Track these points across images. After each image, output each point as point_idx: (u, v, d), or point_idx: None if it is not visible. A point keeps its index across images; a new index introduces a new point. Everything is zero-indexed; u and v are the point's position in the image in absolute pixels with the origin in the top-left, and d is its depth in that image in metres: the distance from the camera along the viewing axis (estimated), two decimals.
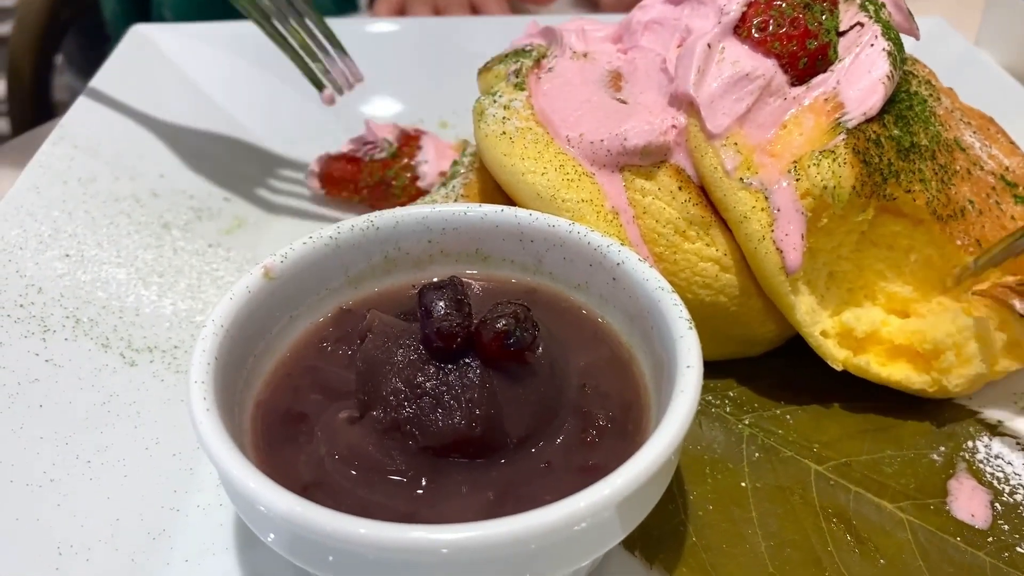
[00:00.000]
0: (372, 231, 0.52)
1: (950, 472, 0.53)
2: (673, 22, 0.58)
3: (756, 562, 0.47)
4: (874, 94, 0.53)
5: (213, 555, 0.47)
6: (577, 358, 0.48)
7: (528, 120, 0.57)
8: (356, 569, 0.38)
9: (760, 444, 0.54)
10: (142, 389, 0.55)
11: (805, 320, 0.53)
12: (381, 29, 0.93)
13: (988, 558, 0.48)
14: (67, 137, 0.70)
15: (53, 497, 0.48)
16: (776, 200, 0.51)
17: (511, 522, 0.36)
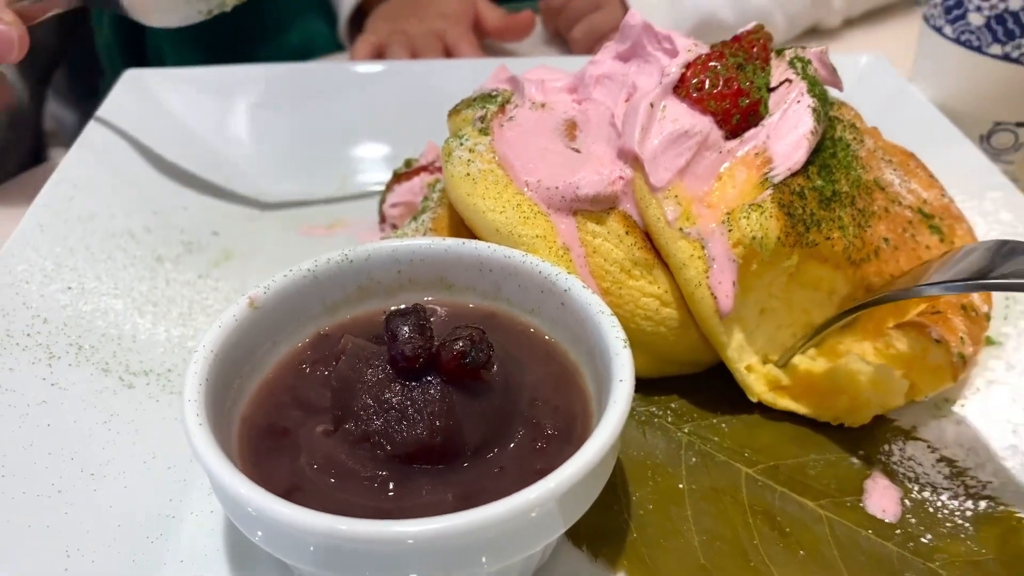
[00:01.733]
0: (347, 263, 0.58)
1: (867, 473, 0.58)
2: (621, 77, 0.64)
3: (690, 555, 0.53)
4: (799, 149, 0.59)
5: (205, 556, 0.52)
6: (529, 374, 0.54)
7: (490, 163, 0.63)
8: (334, 560, 0.43)
9: (697, 450, 0.60)
10: (140, 409, 0.60)
11: (733, 357, 0.59)
12: (360, 70, 1.00)
13: (895, 548, 0.54)
14: (67, 178, 0.76)
15: (61, 506, 0.53)
16: (711, 249, 0.57)
17: (468, 515, 0.42)
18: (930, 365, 0.60)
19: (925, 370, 0.60)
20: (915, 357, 0.60)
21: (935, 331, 0.60)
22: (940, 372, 0.60)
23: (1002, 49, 0.85)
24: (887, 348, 0.60)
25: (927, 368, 0.60)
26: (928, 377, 0.60)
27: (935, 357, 0.60)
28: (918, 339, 0.60)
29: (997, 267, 0.51)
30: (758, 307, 0.60)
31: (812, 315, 0.61)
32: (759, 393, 0.60)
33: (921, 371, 0.60)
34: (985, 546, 0.54)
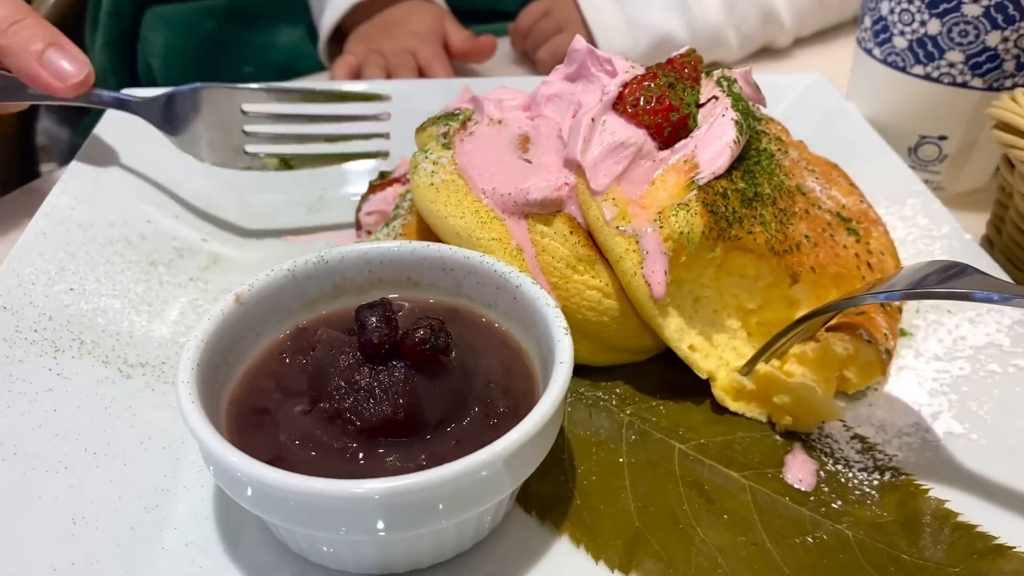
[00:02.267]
0: (323, 264, 0.65)
1: (787, 448, 0.65)
2: (569, 96, 0.72)
3: (626, 519, 0.59)
4: (722, 155, 0.66)
5: (196, 523, 0.58)
6: (484, 360, 0.61)
7: (452, 174, 0.71)
8: (312, 517, 0.50)
9: (637, 429, 0.67)
10: (137, 397, 0.66)
11: (673, 337, 0.66)
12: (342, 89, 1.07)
13: (808, 512, 0.61)
14: (68, 190, 0.82)
15: (67, 480, 0.59)
16: (645, 244, 0.64)
17: (427, 473, 0.49)
18: (862, 363, 0.67)
19: (858, 367, 0.67)
20: (850, 357, 0.66)
21: (865, 332, 0.67)
22: (871, 368, 0.67)
23: (923, 69, 0.93)
24: (825, 351, 0.67)
25: (860, 365, 0.67)
26: (861, 373, 0.67)
27: (867, 355, 0.67)
28: (852, 341, 0.66)
29: (936, 280, 0.58)
30: (692, 296, 0.67)
31: (741, 300, 0.68)
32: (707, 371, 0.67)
33: (855, 368, 0.67)
34: (887, 510, 0.61)
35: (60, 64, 0.77)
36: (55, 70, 0.77)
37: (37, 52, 0.77)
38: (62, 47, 0.78)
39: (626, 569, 0.56)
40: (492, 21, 1.47)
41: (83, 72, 0.79)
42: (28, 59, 0.77)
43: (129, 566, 0.55)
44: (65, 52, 0.78)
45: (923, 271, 0.60)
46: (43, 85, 0.78)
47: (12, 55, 0.77)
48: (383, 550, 0.54)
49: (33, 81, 0.78)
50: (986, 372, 0.68)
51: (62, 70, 0.78)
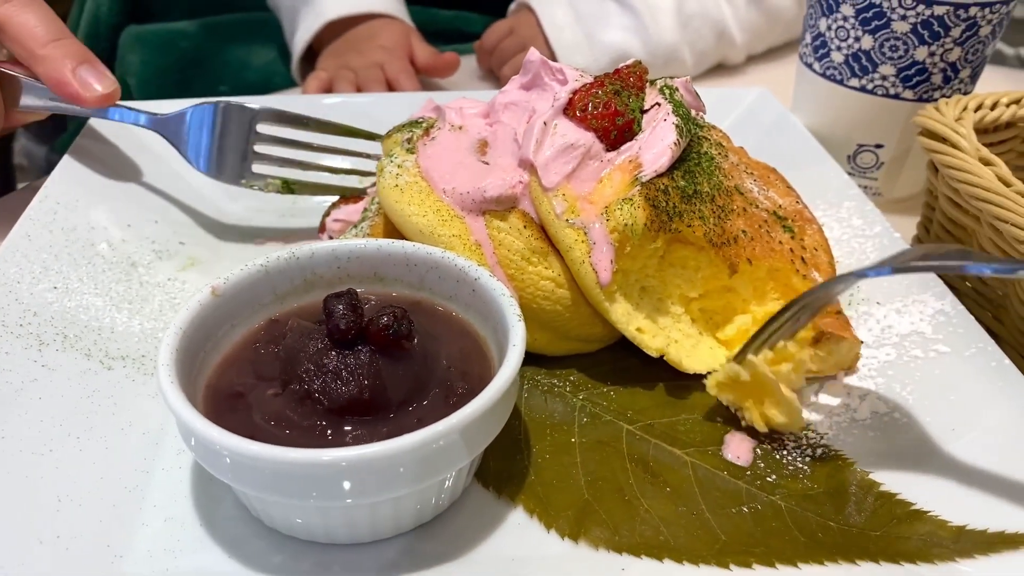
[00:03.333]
0: (294, 260, 0.69)
1: (727, 429, 0.71)
2: (524, 103, 0.77)
3: (577, 492, 0.64)
4: (664, 156, 0.71)
5: (174, 500, 0.62)
6: (445, 347, 0.65)
7: (415, 176, 0.76)
8: (285, 484, 0.54)
9: (588, 412, 0.71)
10: (118, 387, 0.70)
11: (621, 320, 0.72)
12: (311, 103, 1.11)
13: (745, 484, 0.65)
14: (51, 196, 0.86)
15: (52, 462, 0.62)
16: (592, 235, 0.70)
17: (389, 443, 0.53)
18: (842, 361, 0.74)
19: (838, 364, 0.74)
20: (843, 359, 0.73)
21: (850, 332, 0.74)
22: (846, 362, 0.74)
23: (859, 82, 0.99)
24: (826, 354, 0.73)
25: (840, 363, 0.74)
26: (836, 367, 0.74)
27: (852, 349, 0.73)
28: (845, 342, 0.73)
29: (935, 258, 0.63)
30: (638, 285, 0.72)
31: (684, 289, 0.74)
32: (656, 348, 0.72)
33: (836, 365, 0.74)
34: (817, 483, 0.66)
35: (90, 79, 0.85)
36: (85, 83, 0.85)
37: (72, 67, 0.85)
38: (94, 65, 0.86)
39: (575, 536, 0.61)
40: (457, 42, 1.53)
41: (110, 88, 0.87)
42: (63, 70, 0.84)
43: (111, 540, 0.59)
44: (96, 69, 0.86)
45: (922, 251, 0.64)
46: (72, 94, 0.85)
47: (48, 65, 0.85)
48: (349, 519, 0.58)
49: (63, 89, 0.85)
50: (909, 357, 0.74)
51: (91, 84, 0.85)
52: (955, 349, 0.73)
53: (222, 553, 0.59)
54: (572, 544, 0.60)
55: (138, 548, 0.59)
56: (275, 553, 0.59)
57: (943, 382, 0.71)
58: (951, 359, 0.73)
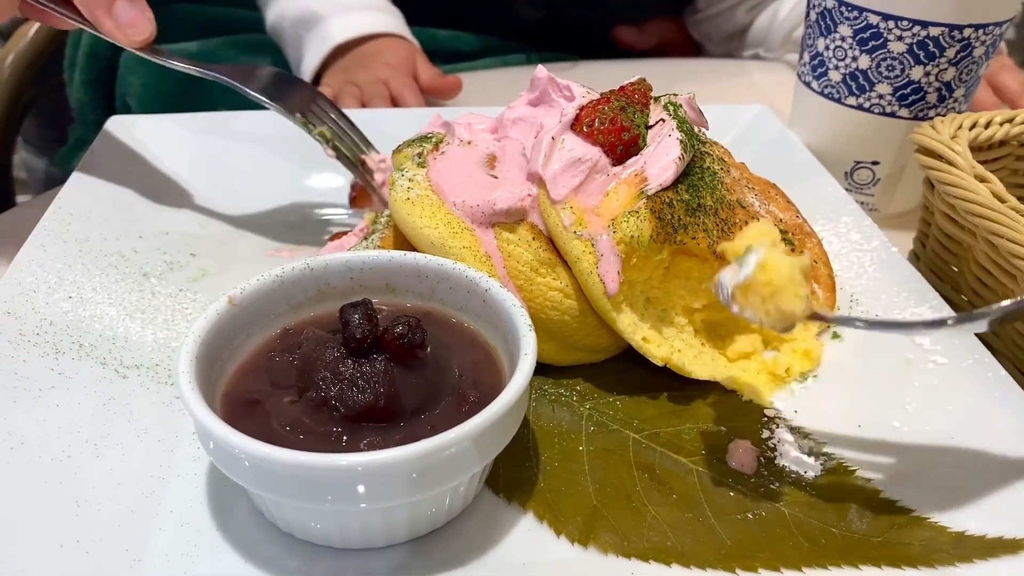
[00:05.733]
0: (308, 271, 0.71)
1: (731, 438, 0.72)
2: (532, 119, 0.79)
3: (585, 499, 0.65)
4: (668, 170, 0.73)
5: (190, 506, 0.63)
6: (457, 356, 0.66)
7: (426, 189, 0.77)
8: (301, 487, 0.55)
9: (595, 421, 0.73)
10: (133, 395, 0.71)
11: (627, 330, 0.73)
12: None
13: (748, 492, 0.66)
14: (64, 207, 0.88)
15: (71, 468, 0.64)
16: (599, 247, 0.71)
17: (403, 449, 0.54)
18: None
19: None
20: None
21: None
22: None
23: (856, 100, 1.02)
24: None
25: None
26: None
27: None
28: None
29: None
30: (643, 296, 0.74)
31: (687, 300, 0.76)
32: (661, 357, 0.73)
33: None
34: (818, 490, 0.67)
35: (125, 18, 0.83)
36: (120, 22, 0.83)
37: (107, 3, 0.82)
38: (133, 2, 0.83)
39: (584, 542, 0.62)
40: (454, 61, 1.56)
41: (144, 34, 0.84)
42: (96, 8, 0.82)
43: (129, 544, 0.60)
44: (135, 6, 0.83)
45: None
46: (107, 33, 0.83)
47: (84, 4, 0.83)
48: (364, 523, 0.59)
49: (98, 29, 0.83)
50: (908, 368, 0.76)
51: (126, 25, 0.83)
52: (953, 360, 0.75)
53: (238, 557, 0.60)
54: (582, 549, 0.62)
55: (156, 552, 0.60)
56: (290, 557, 0.61)
57: (941, 392, 0.73)
58: (949, 370, 0.74)
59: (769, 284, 0.60)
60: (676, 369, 0.74)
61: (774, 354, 0.80)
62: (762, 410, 0.75)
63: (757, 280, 0.60)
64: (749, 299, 0.61)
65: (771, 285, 0.60)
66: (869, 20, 0.96)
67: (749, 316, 0.62)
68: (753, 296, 0.61)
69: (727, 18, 1.64)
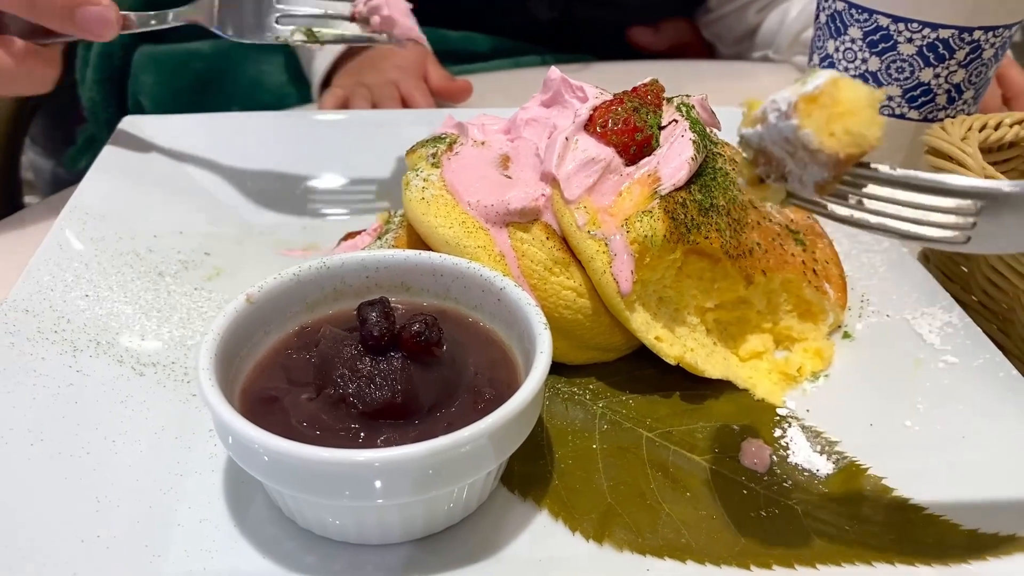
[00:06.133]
0: (324, 269, 0.71)
1: (744, 436, 0.73)
2: (545, 120, 0.80)
3: (599, 496, 0.66)
4: (681, 170, 0.74)
5: (208, 502, 0.64)
6: (472, 355, 0.67)
7: (440, 189, 0.78)
8: (319, 483, 0.56)
9: (608, 419, 0.73)
10: (150, 392, 0.72)
11: (641, 329, 0.74)
12: (329, 118, 1.14)
13: (762, 490, 0.67)
14: (80, 206, 0.88)
15: (90, 464, 0.64)
16: (613, 246, 0.72)
17: (420, 445, 0.55)
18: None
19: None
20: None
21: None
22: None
23: None
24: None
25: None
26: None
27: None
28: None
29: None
30: (656, 296, 0.75)
31: (700, 299, 0.76)
32: (674, 356, 0.73)
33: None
34: (831, 487, 0.68)
35: (90, 19, 0.86)
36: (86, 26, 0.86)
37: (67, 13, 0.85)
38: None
39: (599, 539, 0.63)
40: (466, 62, 1.56)
41: (109, 27, 0.87)
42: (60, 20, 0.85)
43: (149, 540, 0.61)
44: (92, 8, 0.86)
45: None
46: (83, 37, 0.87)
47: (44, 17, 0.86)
48: (381, 519, 0.60)
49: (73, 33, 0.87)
50: (919, 367, 0.76)
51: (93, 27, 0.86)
52: (963, 360, 0.75)
53: (256, 553, 0.61)
54: (597, 546, 0.62)
55: (175, 548, 0.60)
56: (307, 553, 0.61)
57: (953, 391, 0.73)
58: (960, 370, 0.75)
59: (843, 102, 0.51)
60: (689, 368, 0.74)
61: (785, 354, 0.80)
62: (774, 409, 0.75)
63: (829, 93, 0.51)
64: (814, 115, 0.52)
65: (845, 104, 0.51)
66: (879, 22, 0.96)
67: (806, 136, 0.52)
68: (820, 111, 0.52)
69: (738, 18, 1.65)
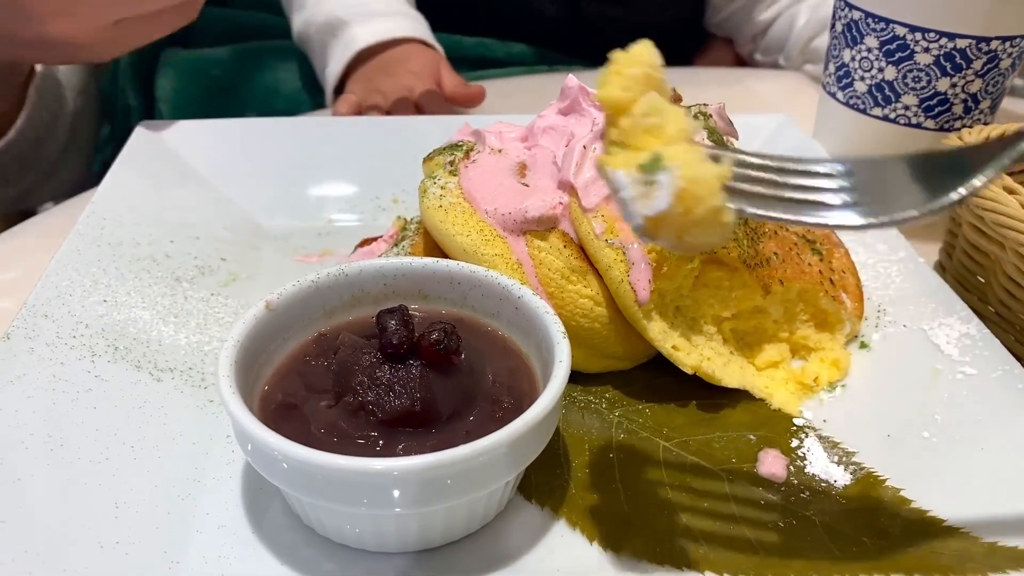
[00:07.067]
0: (343, 277, 0.72)
1: (761, 447, 0.72)
2: (562, 128, 0.80)
3: (617, 505, 0.65)
4: None
5: (226, 509, 0.64)
6: (490, 363, 0.67)
7: (458, 197, 0.78)
8: (338, 490, 0.56)
9: (625, 428, 0.73)
10: (168, 398, 0.72)
11: (658, 338, 0.74)
12: (344, 124, 1.14)
13: (780, 500, 0.67)
14: (97, 211, 0.88)
15: (109, 470, 0.64)
16: (631, 255, 0.72)
17: (438, 455, 0.55)
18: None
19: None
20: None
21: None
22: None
23: (882, 112, 1.02)
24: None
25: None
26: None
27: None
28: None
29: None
30: (673, 305, 0.74)
31: (716, 309, 0.76)
32: (691, 366, 0.73)
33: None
34: (849, 499, 0.67)
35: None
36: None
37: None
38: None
39: (618, 549, 0.63)
40: (480, 68, 1.56)
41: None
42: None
43: (168, 546, 0.61)
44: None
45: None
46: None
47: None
48: (400, 527, 0.60)
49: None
50: (936, 378, 0.76)
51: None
52: (982, 371, 0.75)
53: (274, 560, 0.61)
54: (615, 556, 0.62)
55: (193, 554, 0.61)
56: (326, 560, 0.61)
57: (971, 403, 0.73)
58: (978, 381, 0.75)
59: (689, 214, 0.48)
60: (706, 377, 0.74)
61: (802, 363, 0.80)
62: (791, 419, 0.75)
63: (675, 212, 0.48)
64: (662, 231, 0.49)
65: (691, 215, 0.48)
66: (896, 32, 0.96)
67: (662, 243, 0.51)
68: (667, 228, 0.49)
69: (743, 19, 1.65)
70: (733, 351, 0.78)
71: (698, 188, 0.48)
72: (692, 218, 0.48)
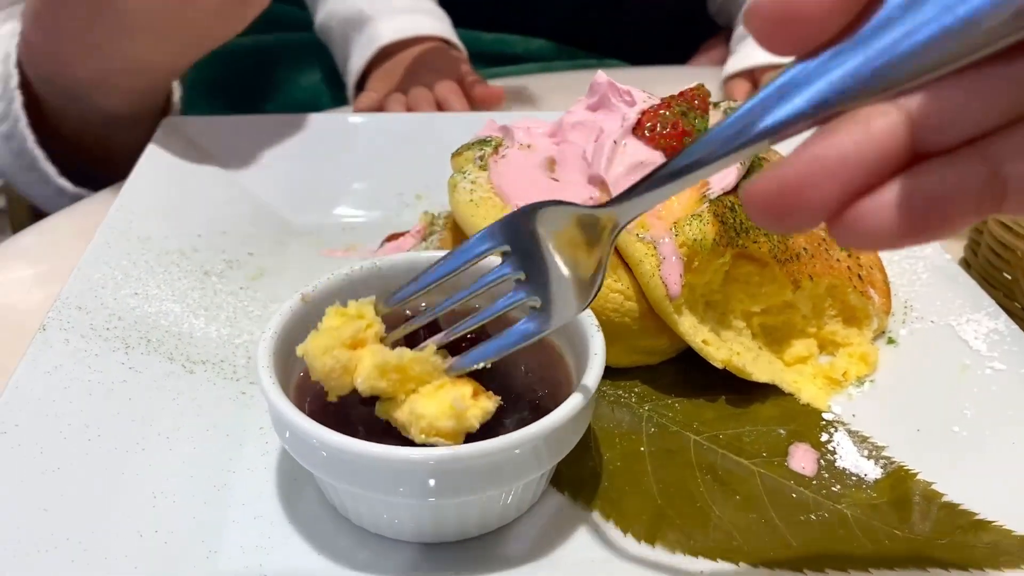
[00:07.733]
0: (376, 270, 0.72)
1: (791, 441, 0.73)
2: (591, 123, 0.80)
3: (649, 498, 0.66)
4: (730, 175, 0.74)
5: (261, 498, 0.64)
6: (524, 355, 0.67)
7: (488, 192, 0.78)
8: (375, 479, 0.56)
9: (655, 423, 0.74)
10: (200, 390, 0.73)
11: (688, 332, 0.74)
12: (368, 121, 1.15)
13: (811, 494, 0.67)
14: (126, 205, 0.89)
15: (145, 460, 0.65)
16: (662, 250, 0.72)
17: (473, 446, 0.55)
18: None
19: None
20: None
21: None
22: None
23: None
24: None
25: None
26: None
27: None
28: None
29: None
30: (703, 300, 0.75)
31: (746, 304, 0.76)
32: (721, 360, 0.73)
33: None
34: (880, 492, 0.67)
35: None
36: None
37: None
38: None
39: (651, 541, 0.63)
40: (499, 64, 1.57)
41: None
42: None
43: (205, 535, 0.61)
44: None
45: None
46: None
47: None
48: (435, 517, 0.60)
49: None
50: (965, 373, 0.76)
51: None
52: (1011, 367, 0.75)
53: (311, 550, 0.61)
54: (649, 547, 0.62)
55: (230, 544, 0.61)
56: (362, 550, 0.62)
57: (1001, 398, 0.73)
58: (1008, 376, 0.75)
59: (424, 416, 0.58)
60: (736, 371, 0.74)
61: (830, 359, 0.80)
62: (820, 413, 0.75)
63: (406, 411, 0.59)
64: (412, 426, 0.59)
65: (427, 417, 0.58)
66: None
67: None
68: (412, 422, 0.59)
69: (738, 8, 1.64)
70: (762, 346, 0.78)
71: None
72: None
